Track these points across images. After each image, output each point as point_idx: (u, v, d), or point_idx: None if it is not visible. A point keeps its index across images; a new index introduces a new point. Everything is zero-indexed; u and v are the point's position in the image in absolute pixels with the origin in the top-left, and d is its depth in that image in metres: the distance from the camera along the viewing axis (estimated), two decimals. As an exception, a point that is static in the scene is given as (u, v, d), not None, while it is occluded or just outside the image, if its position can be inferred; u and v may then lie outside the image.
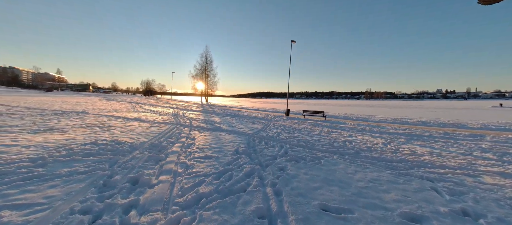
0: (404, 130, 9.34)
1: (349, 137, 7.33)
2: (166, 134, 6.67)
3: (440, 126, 11.63)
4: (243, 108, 25.95)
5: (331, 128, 9.52)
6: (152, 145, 5.07)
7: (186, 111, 16.95)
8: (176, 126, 8.47)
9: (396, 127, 10.38)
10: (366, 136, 7.64)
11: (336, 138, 6.97)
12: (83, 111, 12.07)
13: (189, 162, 3.94)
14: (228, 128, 8.65)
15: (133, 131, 6.75)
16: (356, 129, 9.37)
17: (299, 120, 12.90)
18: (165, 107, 21.19)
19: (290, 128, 9.13)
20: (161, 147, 4.98)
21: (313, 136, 7.22)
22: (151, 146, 5.03)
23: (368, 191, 2.93)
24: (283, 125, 10.12)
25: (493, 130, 9.92)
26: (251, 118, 13.44)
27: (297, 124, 11.03)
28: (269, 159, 4.30)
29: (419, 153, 5.25)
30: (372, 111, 24.32)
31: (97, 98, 33.59)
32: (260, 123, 10.66)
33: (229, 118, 12.79)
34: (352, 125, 10.85)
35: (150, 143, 5.23)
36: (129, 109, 15.54)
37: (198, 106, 25.95)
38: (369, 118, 15.81)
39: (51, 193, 2.59)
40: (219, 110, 19.88)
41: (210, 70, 47.88)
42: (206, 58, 47.26)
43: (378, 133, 8.36)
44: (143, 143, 5.27)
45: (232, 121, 11.39)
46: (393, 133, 8.40)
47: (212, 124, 9.57)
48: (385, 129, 9.71)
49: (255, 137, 6.69)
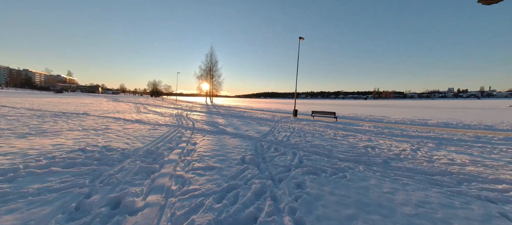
0: (427, 133, 8.40)
1: (369, 141, 6.51)
2: (165, 138, 6.08)
3: (465, 127, 10.56)
4: (248, 109, 25.30)
5: (345, 131, 8.69)
6: (147, 152, 4.46)
7: (190, 112, 16.45)
8: (177, 128, 7.89)
9: (417, 129, 9.42)
10: (388, 140, 6.80)
11: (354, 143, 6.17)
12: (84, 112, 11.73)
13: (187, 174, 3.28)
14: (233, 130, 7.99)
15: (130, 135, 6.20)
16: (374, 132, 8.51)
17: (309, 121, 12.10)
18: (169, 108, 20.83)
19: (300, 131, 8.38)
20: (157, 154, 4.36)
21: (327, 140, 6.44)
22: (146, 153, 4.42)
23: (422, 222, 2.18)
24: (292, 127, 9.37)
25: (531, 132, 8.80)
26: (257, 119, 12.75)
27: (307, 125, 10.25)
28: (282, 170, 3.59)
29: (460, 162, 4.40)
30: (384, 112, 23.12)
31: (104, 99, 33.81)
32: (267, 125, 9.96)
33: (234, 119, 12.15)
34: (368, 127, 9.96)
35: (146, 149, 4.63)
36: (133, 110, 15.18)
37: (203, 107, 25.51)
38: (383, 118, 14.79)
39: (3, 222, 1.99)
40: (224, 111, 19.31)
41: (215, 71, 47.59)
42: (211, 58, 47.00)
43: (400, 136, 7.48)
44: (137, 149, 4.67)
45: (237, 122, 10.74)
46: (417, 136, 7.50)
47: (216, 126, 8.95)
48: (406, 131, 8.79)
49: (263, 142, 5.99)
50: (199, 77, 47.83)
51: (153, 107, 19.68)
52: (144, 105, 22.01)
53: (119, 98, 47.45)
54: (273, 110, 22.76)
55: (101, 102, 24.91)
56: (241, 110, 22.71)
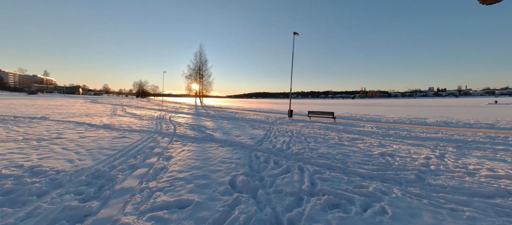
0: (435, 134, 7.67)
1: (381, 146, 5.55)
2: (131, 149, 4.70)
3: (466, 126, 10.08)
4: (240, 110, 24.01)
5: (348, 133, 7.74)
6: (94, 175, 3.11)
7: (175, 114, 14.87)
8: (152, 135, 6.48)
9: (422, 129, 8.71)
10: (401, 143, 5.89)
11: (367, 149, 5.18)
12: (43, 116, 9.86)
13: (140, 223, 2.02)
14: (221, 136, 6.73)
15: (85, 146, 4.75)
16: (380, 134, 7.64)
17: (306, 123, 11.10)
18: (152, 110, 19.01)
19: (300, 134, 7.30)
20: (108, 178, 3.03)
21: (335, 147, 5.40)
22: (93, 176, 3.07)
23: None
24: (290, 130, 8.28)
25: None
26: (250, 121, 11.55)
27: (305, 128, 9.22)
28: (290, 203, 2.42)
29: (504, 174, 3.50)
30: (376, 111, 22.87)
31: (80, 101, 30.86)
32: (261, 128, 8.79)
33: (224, 122, 10.85)
34: (370, 128, 9.13)
35: (94, 170, 3.27)
36: (107, 113, 13.35)
37: (191, 108, 23.84)
38: (380, 118, 14.20)
39: None
40: (213, 112, 17.89)
41: (205, 70, 45.65)
42: (200, 57, 45.03)
43: (411, 139, 6.63)
44: (81, 170, 3.29)
45: (228, 125, 9.47)
46: (428, 138, 6.69)
47: (202, 131, 7.62)
48: (412, 132, 8.02)
49: (259, 151, 4.81)
50: (188, 77, 45.69)
51: (133, 109, 17.79)
52: (123, 107, 19.97)
53: (99, 99, 44.00)
54: (266, 111, 21.68)
55: (74, 104, 22.41)
56: (233, 111, 21.38)
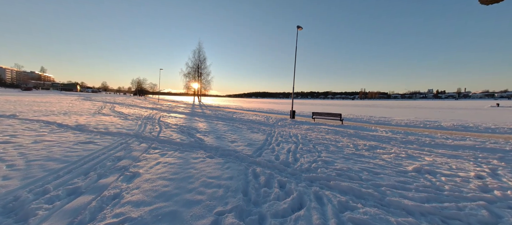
0: (463, 140, 6.59)
1: (411, 158, 4.46)
2: (90, 161, 3.58)
3: (488, 131, 9.02)
4: (238, 110, 22.89)
5: (362, 139, 6.65)
6: (5, 207, 2.00)
7: (167, 113, 13.72)
8: (129, 140, 5.35)
9: (445, 135, 7.61)
10: (433, 154, 4.79)
11: (394, 162, 4.09)
12: (14, 114, 8.70)
13: None
14: (213, 142, 5.61)
15: (31, 154, 3.61)
16: (399, 140, 6.55)
17: (310, 125, 10.00)
18: (143, 108, 17.84)
19: (306, 140, 6.21)
20: (22, 215, 1.92)
21: (354, 159, 4.31)
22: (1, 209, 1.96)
23: None
24: (294, 134, 7.18)
25: None
26: (248, 123, 10.44)
27: (310, 131, 8.13)
28: None
29: None
30: (381, 113, 21.85)
31: (72, 98, 29.57)
32: (260, 131, 7.68)
33: (220, 123, 9.73)
34: (385, 133, 8.05)
35: (12, 197, 2.14)
36: (91, 111, 12.18)
37: (187, 107, 22.69)
38: (389, 120, 13.14)
39: None
40: (210, 112, 16.76)
41: (204, 68, 44.42)
42: (199, 55, 43.81)
43: (440, 148, 5.54)
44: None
45: (223, 127, 8.35)
46: (459, 147, 5.61)
47: (192, 134, 6.50)
48: (435, 138, 6.93)
49: (258, 166, 3.71)
50: (186, 75, 44.45)
51: (123, 108, 16.61)
52: (114, 105, 18.78)
53: (93, 97, 42.66)
54: (266, 111, 20.57)
55: (62, 101, 21.17)
56: (231, 111, 20.25)
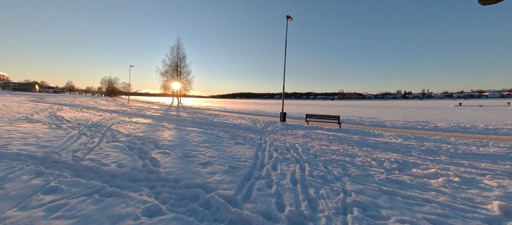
0: (487, 147, 5.61)
1: (471, 185, 3.06)
2: None
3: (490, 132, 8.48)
4: (222, 111, 20.72)
5: (377, 149, 5.25)
6: None
7: (128, 118, 11.07)
8: (21, 167, 3.11)
9: (463, 140, 6.60)
10: (488, 174, 3.48)
11: (464, 199, 2.61)
12: None
13: None
14: (174, 166, 3.61)
15: None
16: (418, 149, 5.28)
17: (305, 130, 8.48)
18: (101, 111, 14.72)
19: (310, 155, 4.58)
20: None
21: (403, 195, 2.74)
22: None
23: None
24: (291, 145, 5.52)
25: None
26: (232, 128, 8.54)
27: (309, 139, 6.56)
28: None
29: None
30: (366, 113, 21.65)
31: (18, 99, 24.23)
32: (247, 142, 5.86)
33: (194, 131, 7.66)
34: (394, 139, 6.84)
35: None
36: (21, 115, 9.09)
37: (160, 110, 19.82)
38: (382, 122, 12.36)
39: None
40: (186, 115, 14.40)
41: (183, 67, 40.66)
42: (178, 52, 40.02)
43: (477, 160, 4.32)
44: None
45: (197, 137, 6.32)
46: (494, 157, 4.49)
47: (144, 153, 4.33)
48: (457, 144, 5.83)
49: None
50: (164, 73, 40.35)
51: (72, 111, 13.36)
52: (62, 107, 15.27)
53: (48, 97, 36.34)
54: (252, 113, 18.75)
55: None
56: (212, 113, 18.00)
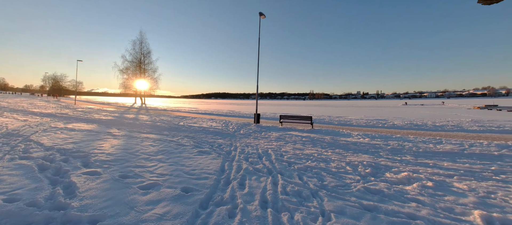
0: (442, 145, 6.10)
1: (444, 190, 2.97)
2: None
3: (438, 129, 9.63)
4: (192, 113, 19.10)
5: (348, 151, 5.12)
6: None
7: (63, 123, 8.93)
8: None
9: (416, 136, 7.14)
10: (456, 175, 3.53)
11: (445, 209, 2.43)
12: None
13: None
14: (100, 195, 2.62)
15: None
16: (384, 148, 5.36)
17: (279, 132, 8.10)
18: (30, 114, 11.77)
19: (284, 162, 4.09)
20: None
21: (387, 213, 2.41)
22: None
23: None
24: (264, 151, 4.96)
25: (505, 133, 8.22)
26: (199, 133, 7.57)
27: (283, 142, 6.13)
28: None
29: None
30: (334, 112, 22.98)
31: None
32: (214, 150, 5.06)
33: (149, 138, 6.43)
34: (361, 138, 6.97)
35: None
36: None
37: (115, 112, 17.14)
38: (348, 121, 13.01)
39: None
40: (147, 118, 12.61)
41: (148, 64, 36.26)
42: (142, 47, 35.50)
43: (438, 158, 4.52)
44: None
45: (150, 147, 5.19)
46: (451, 154, 4.81)
47: (59, 176, 3.16)
48: (414, 142, 6.21)
49: None
50: (123, 70, 35.37)
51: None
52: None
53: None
54: (226, 114, 17.74)
55: None
56: (180, 115, 16.32)
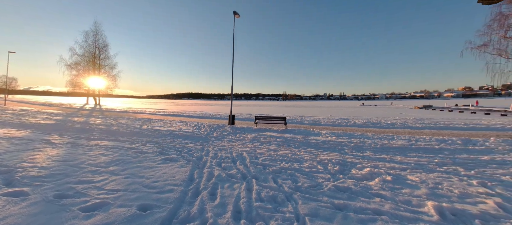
0: (394, 140, 6.94)
1: (401, 183, 3.31)
2: None
3: (390, 127, 11.02)
4: (159, 114, 17.48)
5: (319, 149, 5.35)
6: None
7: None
8: None
9: (373, 134, 8.01)
10: (409, 169, 4.00)
11: (404, 202, 2.68)
12: None
13: None
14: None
15: None
16: (349, 145, 5.82)
17: (254, 133, 8.02)
18: None
19: (258, 165, 4.01)
20: None
21: (354, 209, 2.51)
22: None
23: None
24: (239, 154, 4.78)
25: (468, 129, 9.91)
26: (166, 137, 6.89)
27: (258, 144, 6.06)
28: None
29: None
30: (304, 112, 24.27)
31: None
32: (182, 156, 4.63)
33: (103, 144, 5.53)
34: (329, 137, 7.44)
35: None
36: None
37: (58, 115, 14.51)
38: (317, 120, 13.85)
39: None
40: (101, 121, 10.97)
41: (104, 59, 31.55)
42: (96, 39, 30.63)
43: (391, 153, 5.10)
44: None
45: (103, 156, 4.42)
46: (401, 149, 5.50)
47: None
48: (372, 139, 6.93)
49: None
50: (72, 66, 29.93)
51: None
52: None
53: None
54: (198, 116, 16.77)
55: None
56: (145, 117, 14.64)
